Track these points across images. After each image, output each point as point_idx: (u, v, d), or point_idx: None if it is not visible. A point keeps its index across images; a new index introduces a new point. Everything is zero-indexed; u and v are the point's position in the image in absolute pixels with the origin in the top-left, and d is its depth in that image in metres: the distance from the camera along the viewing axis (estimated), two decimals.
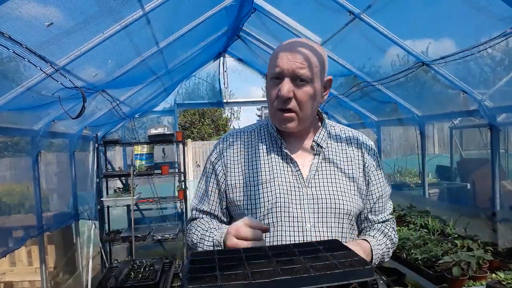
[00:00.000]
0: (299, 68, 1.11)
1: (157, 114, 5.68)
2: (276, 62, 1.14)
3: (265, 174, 1.20)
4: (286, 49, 1.14)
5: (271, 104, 1.18)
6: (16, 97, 2.12)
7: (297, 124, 1.17)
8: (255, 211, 1.17)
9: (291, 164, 1.21)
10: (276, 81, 1.14)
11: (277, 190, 1.17)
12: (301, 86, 1.13)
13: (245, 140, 1.29)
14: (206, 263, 0.80)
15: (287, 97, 1.12)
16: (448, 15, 2.51)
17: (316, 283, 0.71)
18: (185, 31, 2.98)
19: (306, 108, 1.15)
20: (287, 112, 1.15)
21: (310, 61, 1.13)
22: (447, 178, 5.79)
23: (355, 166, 1.25)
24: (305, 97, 1.13)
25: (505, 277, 2.21)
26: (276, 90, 1.14)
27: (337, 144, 1.27)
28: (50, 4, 1.70)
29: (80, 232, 4.20)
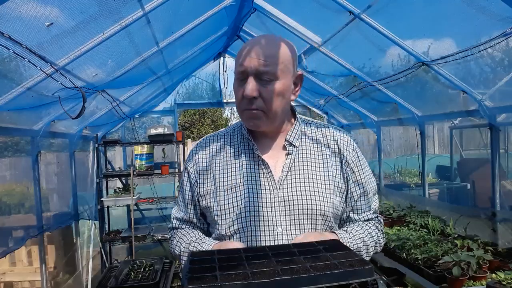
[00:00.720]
0: (263, 66, 1.07)
1: (157, 114, 5.68)
2: (239, 60, 1.11)
3: (235, 178, 1.16)
4: (249, 46, 1.11)
5: (238, 104, 1.15)
6: (16, 97, 2.12)
7: (265, 122, 1.13)
8: (224, 217, 1.14)
9: (263, 166, 1.17)
10: (241, 80, 1.11)
11: (246, 194, 1.13)
12: (267, 84, 1.09)
13: (218, 144, 1.26)
14: (206, 263, 0.80)
15: (251, 97, 1.08)
16: (448, 15, 2.51)
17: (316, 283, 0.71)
18: (185, 31, 2.98)
19: (273, 106, 1.11)
20: (254, 111, 1.11)
21: (275, 57, 1.09)
22: (447, 178, 5.80)
23: (331, 164, 1.19)
24: (272, 95, 1.10)
25: (505, 277, 2.21)
26: (241, 90, 1.11)
27: (312, 142, 1.22)
28: (50, 4, 1.70)
29: (80, 232, 4.21)
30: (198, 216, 1.25)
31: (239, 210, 1.12)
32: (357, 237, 1.16)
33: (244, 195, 1.13)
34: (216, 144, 1.26)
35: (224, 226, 1.13)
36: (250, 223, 1.11)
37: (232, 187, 1.15)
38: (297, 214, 1.11)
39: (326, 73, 4.20)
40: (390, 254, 3.03)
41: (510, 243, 2.82)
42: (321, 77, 4.44)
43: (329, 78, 4.45)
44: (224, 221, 1.14)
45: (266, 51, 1.08)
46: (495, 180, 2.95)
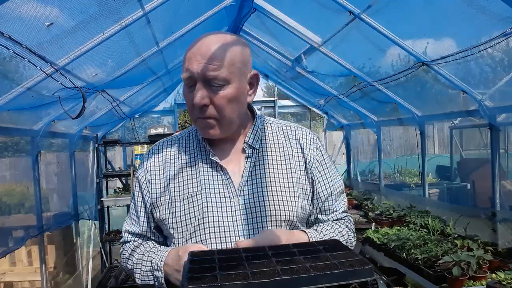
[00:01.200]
0: (212, 71, 0.96)
1: (157, 114, 5.68)
2: (185, 64, 1.00)
3: (191, 187, 1.06)
4: (195, 48, 1.00)
5: (190, 112, 1.05)
6: (16, 97, 2.12)
7: (221, 131, 1.04)
8: (180, 230, 1.04)
9: (221, 172, 1.07)
10: (190, 87, 1.01)
11: (204, 204, 1.03)
12: (218, 90, 0.98)
13: (172, 150, 1.15)
14: (206, 263, 0.80)
15: (201, 105, 0.98)
16: (448, 15, 2.51)
17: (316, 283, 0.71)
18: (185, 31, 2.98)
19: (227, 112, 1.01)
20: (207, 119, 1.01)
21: (225, 60, 0.98)
22: (447, 178, 5.80)
23: (294, 165, 1.11)
24: (224, 101, 0.99)
25: (505, 277, 2.21)
26: (191, 97, 1.00)
27: (274, 143, 1.13)
28: (50, 4, 1.70)
29: (80, 232, 4.21)
30: (152, 230, 1.14)
31: (196, 222, 1.02)
32: (327, 236, 1.09)
33: (201, 205, 1.03)
34: (170, 150, 1.15)
35: (181, 240, 1.04)
36: (209, 235, 1.02)
37: (188, 196, 1.05)
38: (260, 222, 1.03)
39: (326, 73, 4.20)
40: (390, 254, 3.03)
41: (510, 243, 2.82)
42: (321, 77, 4.44)
43: (329, 78, 4.45)
44: (180, 234, 1.04)
45: (213, 53, 0.97)
46: (495, 180, 2.95)
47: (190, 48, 1.01)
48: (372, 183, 5.36)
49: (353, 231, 1.20)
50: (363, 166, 5.98)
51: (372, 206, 4.39)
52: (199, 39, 1.02)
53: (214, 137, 1.06)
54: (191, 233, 1.03)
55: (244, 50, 1.05)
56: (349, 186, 5.72)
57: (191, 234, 1.03)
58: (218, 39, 1.00)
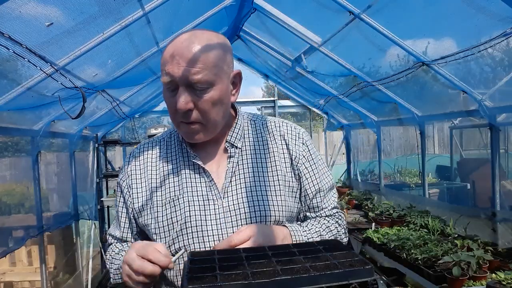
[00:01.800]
0: (194, 74, 0.90)
1: (157, 114, 5.68)
2: (165, 67, 0.92)
3: (173, 190, 1.02)
4: (174, 49, 0.92)
5: (172, 116, 0.99)
6: (16, 97, 2.12)
7: (205, 134, 1.00)
8: (163, 235, 1.00)
9: (204, 174, 1.03)
10: (170, 89, 0.95)
11: (186, 208, 0.99)
12: (201, 93, 0.93)
13: (153, 152, 1.10)
14: (206, 263, 0.80)
15: (185, 110, 0.93)
16: (448, 15, 2.51)
17: (316, 283, 0.71)
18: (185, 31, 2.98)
19: (212, 116, 0.96)
20: (191, 125, 0.97)
21: (207, 61, 0.91)
22: (447, 178, 5.80)
23: (280, 162, 1.06)
24: (208, 105, 0.94)
25: (505, 277, 2.21)
26: (173, 101, 0.94)
27: (257, 140, 1.09)
28: (50, 4, 1.70)
29: (80, 232, 4.21)
30: (133, 235, 1.12)
31: (179, 227, 0.98)
32: (312, 230, 1.03)
33: (184, 209, 0.99)
34: (152, 152, 1.10)
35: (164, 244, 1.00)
36: (193, 240, 0.98)
37: (170, 201, 1.01)
38: (245, 223, 0.98)
39: (326, 73, 4.20)
40: (390, 254, 3.04)
41: (510, 243, 2.82)
42: (321, 77, 4.44)
43: (329, 78, 4.46)
44: (163, 240, 1.00)
45: (195, 55, 0.90)
46: (495, 180, 2.95)
47: (168, 49, 0.94)
48: (372, 183, 5.37)
49: (344, 228, 1.14)
50: (363, 166, 5.98)
51: (372, 206, 4.39)
52: (177, 39, 0.95)
53: (198, 141, 1.02)
54: (173, 238, 0.99)
55: (226, 48, 0.98)
56: (349, 186, 5.72)
57: (174, 239, 0.99)
58: (198, 38, 0.93)
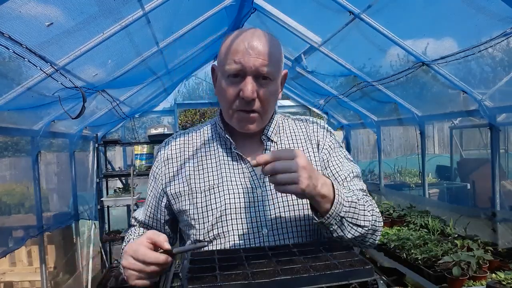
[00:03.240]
0: (263, 66, 0.99)
1: (157, 114, 5.68)
2: (235, 57, 0.99)
3: (212, 178, 1.07)
4: (246, 42, 1.00)
5: (228, 104, 1.04)
6: (16, 97, 2.12)
7: (259, 125, 1.07)
8: (202, 221, 1.04)
9: (242, 163, 1.09)
10: (234, 79, 1.01)
11: (226, 195, 1.04)
12: (264, 84, 1.02)
13: (190, 142, 1.16)
14: (206, 263, 0.80)
15: (252, 98, 1.00)
16: (448, 15, 2.51)
17: (316, 283, 0.71)
18: (185, 31, 2.98)
19: (269, 107, 1.06)
20: (251, 113, 1.03)
21: (274, 56, 1.02)
22: (447, 178, 5.80)
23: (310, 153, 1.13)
24: (269, 96, 1.03)
25: (505, 277, 2.21)
26: (236, 89, 1.01)
27: (291, 136, 1.16)
28: (50, 4, 1.70)
29: (80, 232, 4.21)
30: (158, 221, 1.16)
31: (219, 213, 1.03)
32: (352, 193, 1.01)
33: (224, 196, 1.04)
34: (188, 140, 1.16)
35: (202, 231, 1.04)
36: (232, 226, 1.02)
37: (210, 188, 1.06)
38: (283, 211, 1.04)
39: (326, 73, 4.20)
40: (390, 254, 3.03)
41: (510, 243, 2.82)
42: (321, 77, 4.44)
43: (329, 78, 4.45)
44: (202, 225, 1.04)
45: (265, 49, 1.00)
46: (495, 180, 2.95)
47: (239, 41, 1.01)
48: (372, 183, 5.37)
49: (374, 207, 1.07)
50: (363, 166, 5.98)
51: None
52: (246, 33, 1.03)
53: (251, 131, 1.07)
54: (212, 225, 1.03)
55: (282, 50, 1.09)
56: None
57: (213, 225, 1.03)
58: (265, 36, 1.03)
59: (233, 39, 1.02)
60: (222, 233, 1.02)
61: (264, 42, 1.01)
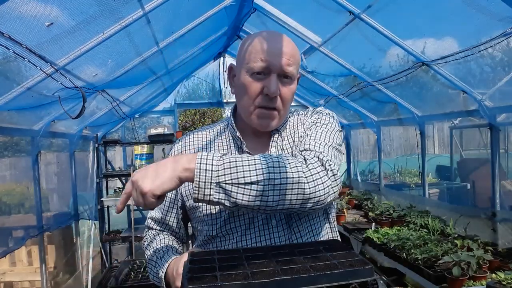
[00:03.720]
0: (287, 65, 1.05)
1: (157, 114, 5.68)
2: (261, 55, 1.05)
3: None
4: (274, 43, 1.06)
5: (250, 100, 1.07)
6: (16, 97, 2.12)
7: (277, 123, 1.12)
8: (215, 216, 1.07)
9: None
10: (258, 76, 1.06)
11: None
12: (286, 83, 1.08)
13: (203, 141, 1.20)
14: (206, 263, 0.80)
15: (276, 95, 1.05)
16: (448, 15, 2.51)
17: (316, 283, 0.71)
18: (185, 31, 2.98)
19: (288, 106, 1.12)
20: (272, 110, 1.08)
21: (297, 58, 1.09)
22: (447, 178, 5.80)
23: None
24: (289, 95, 1.09)
25: (505, 277, 2.21)
26: (259, 86, 1.06)
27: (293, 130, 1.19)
28: (50, 4, 1.70)
29: (80, 232, 4.21)
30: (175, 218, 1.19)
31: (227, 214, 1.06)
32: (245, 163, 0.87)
33: None
34: (202, 140, 1.20)
35: (215, 226, 1.07)
36: (244, 221, 1.05)
37: None
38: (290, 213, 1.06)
39: (326, 73, 4.20)
40: (390, 254, 3.03)
41: (510, 243, 2.82)
42: (321, 77, 4.44)
43: (329, 78, 4.46)
44: (215, 221, 1.07)
45: (289, 50, 1.06)
46: (495, 180, 2.95)
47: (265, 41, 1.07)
48: (372, 183, 5.37)
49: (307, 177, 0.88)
50: (363, 166, 5.98)
51: (372, 206, 4.39)
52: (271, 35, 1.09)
53: (269, 129, 1.12)
54: (224, 220, 1.06)
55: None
56: (349, 186, 5.72)
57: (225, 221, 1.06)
58: (287, 39, 1.10)
59: (259, 39, 1.07)
60: (234, 228, 1.05)
61: (288, 44, 1.07)
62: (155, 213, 1.23)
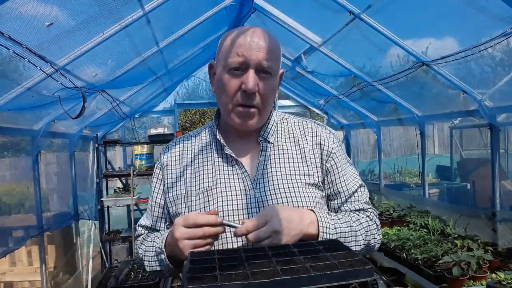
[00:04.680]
0: (265, 60, 1.00)
1: (157, 114, 5.68)
2: (238, 50, 1.00)
3: (207, 181, 1.08)
4: (249, 37, 1.01)
5: (228, 99, 1.03)
6: (16, 97, 2.12)
7: (258, 121, 1.06)
8: None
9: (236, 165, 1.08)
10: (236, 72, 1.01)
11: (219, 198, 1.04)
12: (265, 79, 1.02)
13: (188, 145, 1.18)
14: (206, 263, 0.80)
15: (253, 91, 1.00)
16: (448, 15, 2.51)
17: (316, 283, 0.71)
18: (185, 31, 2.98)
19: (268, 103, 1.06)
20: (250, 108, 1.03)
21: (275, 53, 1.04)
22: (447, 178, 5.80)
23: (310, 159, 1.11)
24: (269, 91, 1.04)
25: (505, 277, 2.21)
26: (237, 83, 1.01)
27: (288, 137, 1.14)
28: (50, 4, 1.70)
29: (80, 232, 4.21)
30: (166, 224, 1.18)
31: None
32: (342, 220, 1.04)
33: (217, 199, 1.04)
34: (187, 144, 1.18)
35: None
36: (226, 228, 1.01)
37: (204, 190, 1.07)
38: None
39: (326, 73, 4.20)
40: (390, 254, 3.03)
41: (510, 243, 2.82)
42: (321, 77, 4.44)
43: (329, 78, 4.45)
44: None
45: (267, 45, 1.02)
46: (495, 180, 2.95)
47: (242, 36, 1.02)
48: (372, 183, 5.37)
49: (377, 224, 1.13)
50: (363, 166, 5.98)
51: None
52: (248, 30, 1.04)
53: (250, 128, 1.07)
54: None
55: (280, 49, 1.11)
56: None
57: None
58: (266, 33, 1.05)
59: (236, 34, 1.04)
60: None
61: (265, 38, 1.03)
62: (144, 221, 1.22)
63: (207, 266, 0.78)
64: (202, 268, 0.77)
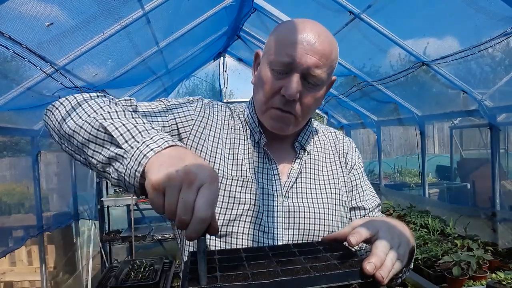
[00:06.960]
0: (315, 67, 0.86)
1: None
2: (287, 49, 0.86)
3: (243, 171, 0.94)
4: (304, 37, 0.86)
5: (265, 98, 0.91)
6: (16, 97, 2.12)
7: (292, 128, 0.95)
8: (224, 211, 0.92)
9: (269, 165, 0.97)
10: (280, 71, 0.88)
11: (253, 195, 0.92)
12: (311, 88, 0.89)
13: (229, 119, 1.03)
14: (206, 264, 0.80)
15: (294, 99, 0.88)
16: (448, 15, 2.51)
17: (316, 284, 0.71)
18: (185, 31, 2.98)
19: (308, 113, 0.94)
20: (287, 113, 0.91)
21: (329, 60, 0.88)
22: (447, 178, 5.80)
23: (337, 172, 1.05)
24: (312, 102, 0.91)
25: (505, 277, 2.21)
26: (278, 84, 0.88)
27: (321, 148, 1.07)
28: (50, 4, 1.70)
29: (80, 232, 4.21)
30: None
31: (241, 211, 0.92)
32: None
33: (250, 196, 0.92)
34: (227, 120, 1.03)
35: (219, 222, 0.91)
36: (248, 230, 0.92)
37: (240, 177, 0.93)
38: (302, 228, 0.94)
39: None
40: None
41: (510, 243, 2.82)
42: None
43: None
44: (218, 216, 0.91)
45: (322, 49, 0.86)
46: (495, 180, 2.95)
47: (295, 32, 0.87)
48: (372, 183, 5.33)
49: None
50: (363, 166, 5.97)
51: None
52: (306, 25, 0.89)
53: (283, 133, 0.96)
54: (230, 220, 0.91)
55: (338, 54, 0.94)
56: None
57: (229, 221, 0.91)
58: (326, 34, 0.89)
59: (289, 29, 0.89)
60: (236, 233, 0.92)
61: (323, 40, 0.87)
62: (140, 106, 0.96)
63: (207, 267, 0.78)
64: None
